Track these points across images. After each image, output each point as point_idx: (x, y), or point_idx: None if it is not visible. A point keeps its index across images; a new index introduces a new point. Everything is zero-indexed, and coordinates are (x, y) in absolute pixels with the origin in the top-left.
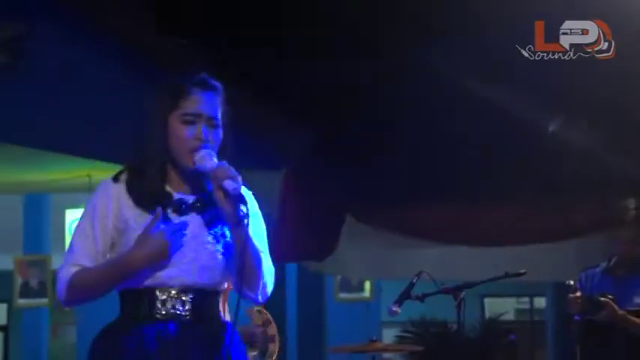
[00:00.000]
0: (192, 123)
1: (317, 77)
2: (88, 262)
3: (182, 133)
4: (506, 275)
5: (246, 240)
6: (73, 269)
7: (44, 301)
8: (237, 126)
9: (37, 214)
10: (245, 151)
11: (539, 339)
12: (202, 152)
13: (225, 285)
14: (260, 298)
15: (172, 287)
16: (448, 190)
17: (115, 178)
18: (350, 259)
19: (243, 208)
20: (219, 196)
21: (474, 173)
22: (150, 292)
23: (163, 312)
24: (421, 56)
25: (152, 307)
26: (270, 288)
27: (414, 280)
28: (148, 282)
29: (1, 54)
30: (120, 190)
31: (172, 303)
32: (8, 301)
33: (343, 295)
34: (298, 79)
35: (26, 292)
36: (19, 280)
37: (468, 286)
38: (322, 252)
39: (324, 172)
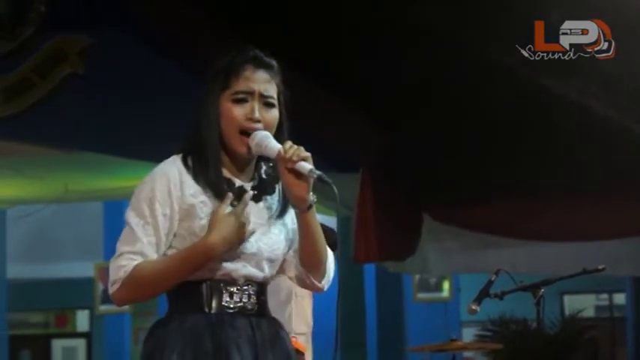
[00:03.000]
0: (243, 101)
1: (395, 77)
2: (150, 252)
3: (232, 112)
4: (585, 271)
5: (315, 226)
6: (134, 260)
7: (126, 307)
8: (313, 128)
9: (117, 221)
10: (323, 153)
11: (619, 335)
12: (258, 135)
13: None
14: (325, 285)
15: (237, 279)
16: (525, 186)
17: (174, 163)
18: (428, 259)
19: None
20: (289, 179)
21: (551, 168)
22: (213, 284)
23: (232, 305)
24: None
25: (220, 299)
26: (332, 274)
27: (493, 278)
28: (210, 274)
29: (74, 64)
30: (181, 176)
31: (240, 296)
32: (90, 307)
33: (422, 295)
34: (377, 79)
35: (108, 298)
36: (100, 287)
37: (547, 282)
38: (404, 251)
39: (401, 172)
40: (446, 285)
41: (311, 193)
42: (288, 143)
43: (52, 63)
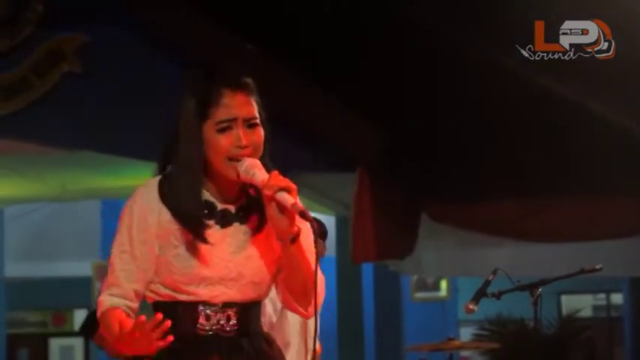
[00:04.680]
0: (228, 129)
1: (393, 77)
2: (125, 282)
3: (220, 143)
4: (582, 271)
5: (302, 257)
6: (110, 298)
7: None
8: (312, 128)
9: (115, 220)
10: (321, 152)
11: (616, 335)
12: (246, 162)
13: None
14: (311, 312)
15: (216, 303)
16: (522, 187)
17: (152, 188)
18: (426, 259)
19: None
20: (271, 210)
21: (549, 169)
22: (191, 307)
23: (207, 327)
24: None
25: (195, 321)
26: (321, 301)
27: (490, 278)
28: (190, 298)
29: (71, 63)
30: (159, 202)
31: (217, 318)
32: (88, 306)
33: (420, 295)
34: (372, 80)
35: None
36: (97, 286)
37: (544, 282)
38: (402, 251)
39: (398, 172)
40: (443, 284)
41: (297, 226)
42: (273, 174)
43: (50, 62)
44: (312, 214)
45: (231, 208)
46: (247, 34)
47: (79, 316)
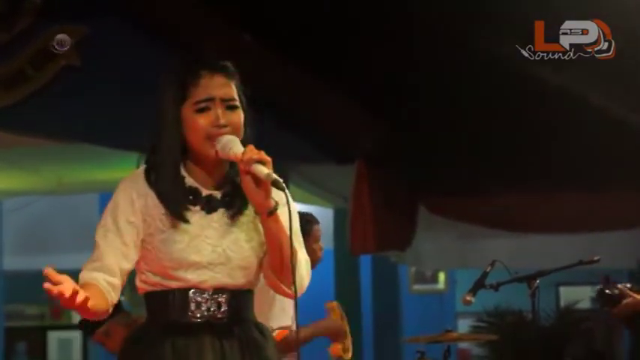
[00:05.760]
0: (206, 109)
1: (390, 68)
2: (109, 257)
3: (197, 123)
4: (580, 263)
5: (279, 231)
6: (89, 272)
7: (121, 298)
8: (310, 120)
9: None
10: (319, 144)
11: (615, 327)
12: (224, 139)
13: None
14: (294, 292)
15: (206, 289)
16: (520, 179)
17: (137, 177)
18: (424, 251)
19: (273, 197)
20: (247, 183)
21: (546, 160)
22: (182, 294)
23: (198, 315)
24: (491, 46)
25: (186, 309)
26: (306, 282)
27: (488, 270)
28: (179, 284)
29: (70, 56)
30: (145, 188)
31: (208, 305)
32: None
33: (418, 287)
34: (371, 69)
35: None
36: None
37: (542, 274)
38: (401, 243)
39: (397, 163)
40: (442, 277)
41: (274, 200)
42: (249, 147)
43: (48, 54)
44: (311, 207)
45: (217, 194)
46: (244, 24)
47: None
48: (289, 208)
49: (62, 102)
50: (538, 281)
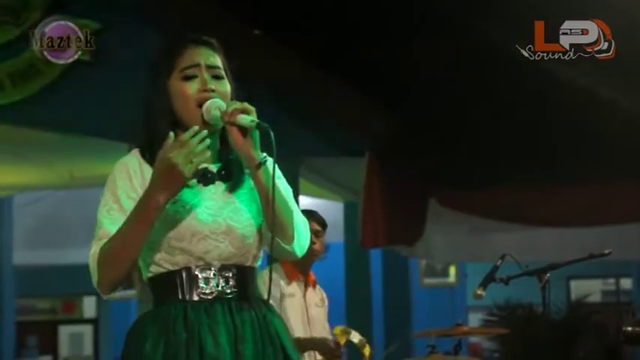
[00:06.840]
0: (193, 77)
1: (401, 62)
2: (114, 230)
3: (185, 90)
4: (591, 256)
5: (272, 183)
6: (101, 243)
7: (132, 292)
8: (320, 113)
9: None
10: (328, 138)
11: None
12: (208, 103)
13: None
14: (297, 250)
15: (212, 263)
16: (530, 172)
17: (132, 155)
18: (434, 244)
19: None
20: (234, 135)
21: (556, 154)
22: (188, 271)
23: (207, 292)
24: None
25: (195, 286)
26: (305, 241)
27: (498, 263)
28: (184, 259)
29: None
30: (141, 165)
31: (216, 281)
32: (97, 293)
33: (428, 281)
34: (382, 64)
35: None
36: None
37: (553, 267)
38: (411, 236)
39: (407, 157)
40: (452, 270)
41: (263, 154)
42: (233, 102)
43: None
44: (321, 200)
45: (213, 168)
46: (255, 19)
47: (88, 303)
48: (274, 151)
49: (74, 96)
50: (549, 275)
